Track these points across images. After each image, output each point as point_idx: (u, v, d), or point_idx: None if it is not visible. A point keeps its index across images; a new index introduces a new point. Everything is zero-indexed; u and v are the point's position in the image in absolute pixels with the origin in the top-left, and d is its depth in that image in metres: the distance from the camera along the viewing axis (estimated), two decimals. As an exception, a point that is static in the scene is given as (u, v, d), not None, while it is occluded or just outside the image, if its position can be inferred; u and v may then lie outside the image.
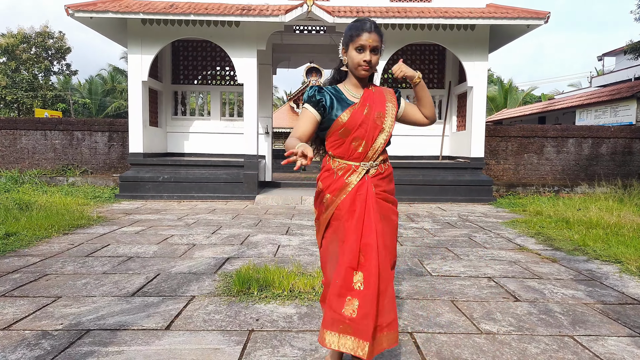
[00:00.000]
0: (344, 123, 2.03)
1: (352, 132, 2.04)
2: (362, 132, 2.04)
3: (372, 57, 2.02)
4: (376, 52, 2.03)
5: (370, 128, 2.05)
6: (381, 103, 2.10)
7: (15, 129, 11.40)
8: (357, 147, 2.05)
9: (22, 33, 28.35)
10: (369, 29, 2.00)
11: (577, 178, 11.36)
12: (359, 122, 2.03)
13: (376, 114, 2.06)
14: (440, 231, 6.13)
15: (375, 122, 2.05)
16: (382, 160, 2.13)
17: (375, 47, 2.01)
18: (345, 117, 2.03)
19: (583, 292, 3.52)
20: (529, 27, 9.26)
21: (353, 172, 2.06)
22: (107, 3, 9.18)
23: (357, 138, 2.04)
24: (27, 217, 5.96)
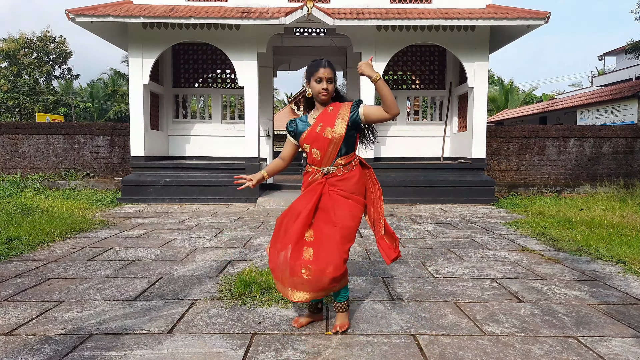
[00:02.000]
0: (303, 139, 2.69)
1: (311, 145, 2.67)
2: (317, 145, 2.65)
3: (329, 85, 2.63)
4: (331, 82, 2.64)
5: (322, 141, 2.63)
6: (331, 120, 2.64)
7: (17, 134, 11.43)
8: (316, 156, 2.67)
9: (23, 38, 28.46)
10: (324, 65, 2.62)
11: (579, 178, 11.34)
12: (313, 137, 2.65)
13: (327, 129, 2.62)
14: (443, 232, 6.12)
15: (324, 136, 2.62)
16: (341, 164, 2.68)
17: (330, 78, 2.63)
18: (304, 135, 2.69)
19: (586, 293, 3.51)
20: (529, 28, 9.25)
21: (315, 174, 2.70)
22: (107, 7, 9.21)
23: (315, 149, 2.66)
24: (29, 222, 5.96)
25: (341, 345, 2.54)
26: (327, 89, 2.62)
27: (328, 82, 2.63)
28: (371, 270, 4.17)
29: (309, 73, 2.67)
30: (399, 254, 2.78)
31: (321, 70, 2.61)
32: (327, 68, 2.62)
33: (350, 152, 2.71)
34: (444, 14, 9.13)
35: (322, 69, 2.61)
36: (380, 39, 9.61)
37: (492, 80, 33.35)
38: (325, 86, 2.61)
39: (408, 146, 11.31)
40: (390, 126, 11.50)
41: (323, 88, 2.61)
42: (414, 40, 9.75)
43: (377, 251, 4.95)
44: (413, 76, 11.76)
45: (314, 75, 2.63)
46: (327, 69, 2.62)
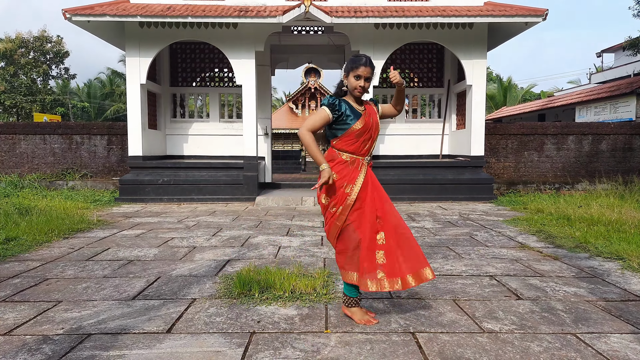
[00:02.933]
0: (359, 129, 2.75)
1: (364, 134, 2.78)
2: (369, 135, 2.81)
3: (366, 84, 2.75)
4: (369, 80, 2.76)
5: (374, 132, 2.84)
6: (375, 114, 2.89)
7: (15, 134, 11.40)
8: (364, 145, 2.80)
9: (20, 37, 28.36)
10: (365, 64, 2.72)
11: (578, 175, 11.35)
12: (368, 127, 2.78)
13: (376, 122, 2.85)
14: (442, 230, 6.12)
15: (376, 128, 2.84)
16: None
17: (368, 78, 2.75)
18: (360, 124, 2.75)
19: (585, 290, 3.51)
20: (527, 25, 9.25)
21: (362, 165, 2.81)
22: (104, 6, 9.18)
23: (366, 139, 2.80)
24: (27, 222, 5.95)
25: (340, 344, 2.54)
26: (364, 87, 2.74)
27: (366, 80, 2.74)
28: (370, 268, 4.16)
29: (349, 67, 2.76)
30: None
31: (362, 68, 2.70)
32: (368, 67, 2.72)
33: None
34: (441, 12, 9.11)
35: (363, 67, 2.70)
36: (378, 37, 9.60)
37: (491, 78, 33.36)
38: (362, 84, 2.73)
39: (407, 144, 11.30)
40: (388, 124, 11.49)
41: (360, 85, 2.72)
42: (412, 38, 9.74)
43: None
44: (411, 74, 11.75)
45: (353, 71, 2.73)
46: (367, 67, 2.72)
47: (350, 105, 2.78)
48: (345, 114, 2.74)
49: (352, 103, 2.80)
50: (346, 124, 2.74)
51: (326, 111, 2.74)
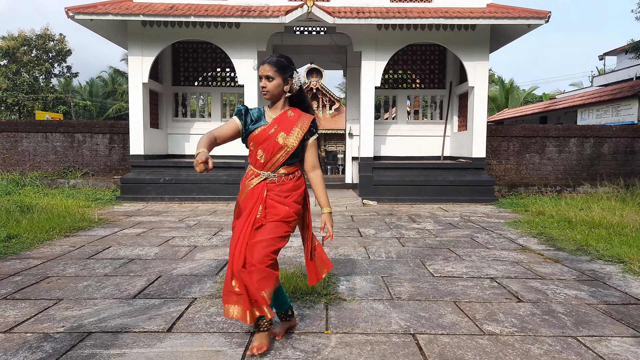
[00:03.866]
0: (254, 137, 2.48)
1: (259, 146, 2.47)
2: (265, 147, 2.46)
3: (267, 83, 2.44)
4: (271, 79, 2.43)
5: (272, 145, 2.45)
6: (289, 126, 2.49)
7: (17, 132, 11.41)
8: (260, 158, 2.48)
9: (22, 35, 28.39)
10: (264, 62, 2.45)
11: (579, 178, 11.33)
12: (264, 138, 2.46)
13: (280, 134, 2.46)
14: (442, 232, 6.12)
15: (276, 141, 2.45)
16: (282, 173, 2.50)
17: (269, 76, 2.42)
18: (256, 132, 2.48)
19: (586, 293, 3.50)
20: (529, 27, 9.24)
21: (254, 178, 2.50)
22: (107, 5, 9.19)
23: (260, 151, 2.48)
24: (28, 220, 5.95)
25: (340, 344, 2.54)
26: (264, 87, 2.44)
27: (266, 79, 2.43)
28: (370, 269, 4.16)
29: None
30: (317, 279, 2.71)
31: (261, 67, 2.44)
32: (267, 64, 2.43)
33: (296, 162, 2.56)
34: (444, 13, 9.11)
35: (261, 66, 2.45)
36: (381, 38, 9.60)
37: (493, 80, 33.33)
38: (262, 84, 2.44)
39: (408, 145, 11.30)
40: (390, 125, 11.49)
41: (261, 86, 2.46)
42: (414, 39, 9.74)
43: (377, 250, 4.95)
44: (413, 75, 11.75)
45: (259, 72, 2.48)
46: (266, 65, 2.43)
47: (261, 113, 2.55)
48: (251, 118, 2.52)
49: (267, 110, 2.57)
50: (249, 130, 2.50)
51: (234, 119, 2.50)
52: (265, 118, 2.53)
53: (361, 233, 5.97)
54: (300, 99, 2.61)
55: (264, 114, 2.54)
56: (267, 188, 2.47)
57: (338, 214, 7.79)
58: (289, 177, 2.52)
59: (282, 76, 2.44)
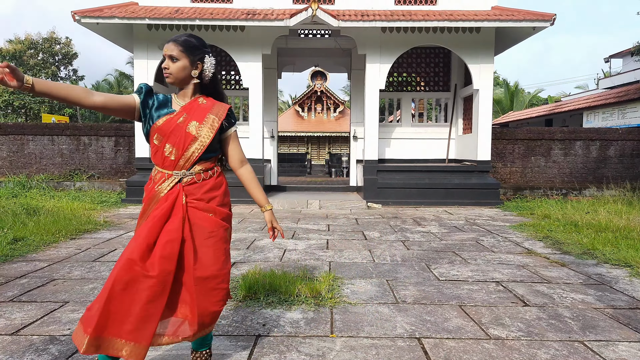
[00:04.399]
0: (158, 128, 2.05)
1: (165, 139, 2.04)
2: (174, 140, 2.04)
3: (171, 64, 2.05)
4: (175, 60, 2.05)
5: (183, 136, 2.04)
6: (202, 113, 2.10)
7: (23, 135, 11.49)
8: (169, 155, 2.05)
9: (29, 39, 28.63)
10: (168, 41, 2.07)
11: (585, 181, 11.27)
12: (171, 129, 2.04)
13: (192, 123, 2.06)
14: (447, 235, 6.10)
15: (188, 131, 2.04)
16: (200, 170, 2.10)
17: (172, 56, 2.04)
18: (160, 122, 2.05)
19: (593, 297, 3.48)
20: (534, 30, 9.22)
21: (165, 181, 2.06)
22: (113, 9, 9.25)
23: (169, 145, 2.04)
24: (34, 222, 5.99)
25: (345, 348, 2.53)
26: (167, 68, 2.06)
27: (170, 59, 2.05)
28: (375, 272, 4.16)
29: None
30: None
31: (165, 45, 2.08)
32: (171, 43, 2.06)
33: (212, 157, 2.18)
34: (449, 16, 9.11)
35: (166, 44, 2.07)
36: (385, 41, 9.60)
37: (497, 82, 33.26)
38: (165, 64, 2.07)
39: (412, 148, 11.28)
40: (394, 128, 11.48)
41: (164, 67, 2.08)
42: (419, 41, 9.74)
43: (381, 253, 4.94)
44: (418, 78, 11.75)
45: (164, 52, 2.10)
46: (170, 43, 2.06)
47: (168, 98, 2.15)
48: (153, 105, 2.10)
49: (175, 97, 2.17)
50: (152, 117, 2.09)
51: (133, 95, 2.09)
52: (171, 105, 2.13)
53: (366, 236, 5.96)
54: (216, 90, 2.23)
55: (170, 100, 2.14)
56: (186, 192, 2.04)
57: (343, 216, 7.78)
58: (208, 174, 2.12)
59: (189, 58, 2.07)
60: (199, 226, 2.04)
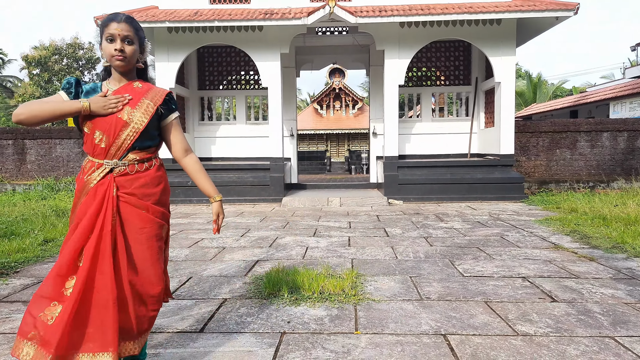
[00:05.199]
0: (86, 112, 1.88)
1: (95, 126, 1.90)
2: (105, 127, 1.90)
3: (126, 47, 1.92)
4: (130, 42, 1.93)
5: (114, 122, 1.90)
6: (136, 98, 1.97)
7: (51, 139, 11.82)
8: (99, 142, 1.91)
9: (53, 45, 29.37)
10: (119, 20, 1.92)
11: (613, 173, 10.97)
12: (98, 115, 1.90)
13: (125, 109, 1.93)
14: (471, 230, 6.02)
15: (119, 117, 1.91)
16: (135, 159, 1.97)
17: (127, 37, 1.92)
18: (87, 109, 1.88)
19: (623, 292, 3.39)
20: (557, 19, 9.01)
21: (94, 171, 1.93)
22: (134, 13, 9.41)
23: (99, 132, 1.90)
24: (63, 224, 6.16)
25: (370, 345, 2.53)
26: (123, 50, 1.91)
27: (125, 42, 1.92)
28: (399, 269, 4.14)
29: (100, 29, 1.96)
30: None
31: (114, 25, 1.90)
32: (123, 23, 1.91)
33: (152, 146, 2.06)
34: (468, 9, 8.97)
35: (116, 24, 1.90)
36: (404, 36, 9.52)
37: (520, 74, 32.62)
38: (119, 46, 1.91)
39: (434, 143, 11.17)
40: (415, 123, 11.39)
41: (116, 49, 1.90)
42: (438, 35, 9.63)
43: (404, 250, 4.92)
44: (438, 72, 11.61)
45: (104, 33, 1.92)
46: (122, 23, 1.91)
47: (97, 86, 2.01)
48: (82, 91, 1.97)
49: (109, 83, 2.02)
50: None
51: (60, 94, 1.94)
52: (100, 90, 1.99)
53: (388, 233, 5.93)
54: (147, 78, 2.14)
55: (100, 87, 2.00)
56: (117, 184, 1.92)
57: (364, 213, 7.77)
58: (144, 166, 2.00)
59: (139, 41, 1.98)
60: (130, 222, 1.93)
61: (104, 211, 1.87)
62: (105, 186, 1.90)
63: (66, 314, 1.74)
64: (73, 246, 1.83)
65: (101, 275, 1.82)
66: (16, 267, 4.27)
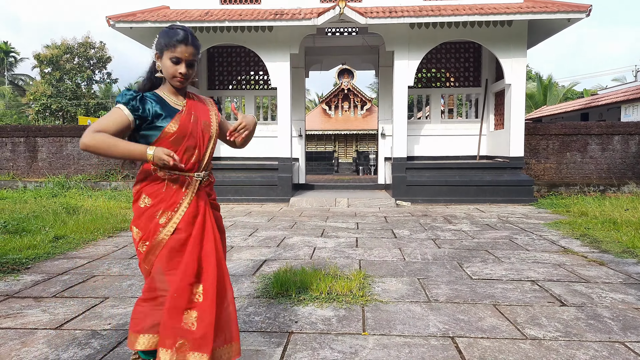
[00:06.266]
0: (175, 132, 1.91)
1: (184, 140, 1.94)
2: (194, 141, 1.96)
3: (189, 70, 1.92)
4: (193, 65, 1.94)
5: (200, 137, 1.98)
6: (205, 111, 2.06)
7: (61, 137, 11.94)
8: (190, 157, 1.96)
9: (65, 44, 29.68)
10: (187, 43, 1.88)
11: (624, 177, 10.86)
12: (187, 131, 1.94)
13: (203, 122, 2.01)
14: (480, 233, 6.00)
15: (204, 131, 2.00)
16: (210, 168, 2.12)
17: (193, 61, 1.92)
18: (174, 126, 1.92)
19: (634, 297, 3.36)
20: (569, 21, 8.94)
21: (189, 184, 1.97)
22: (145, 13, 9.49)
23: (189, 147, 1.96)
24: (74, 221, 6.22)
25: (378, 346, 2.53)
26: (186, 75, 1.92)
27: (189, 66, 1.92)
28: (406, 271, 4.13)
29: (162, 44, 1.91)
30: None
31: (181, 48, 1.87)
32: (191, 47, 1.89)
33: None
34: (479, 10, 8.93)
35: (184, 47, 1.87)
36: (414, 37, 9.50)
37: (530, 76, 32.38)
38: (184, 71, 1.90)
39: (442, 145, 11.13)
40: (423, 125, 11.35)
41: (181, 73, 1.90)
42: (448, 37, 9.59)
43: (412, 252, 4.90)
44: (447, 73, 11.56)
45: (169, 50, 1.88)
46: (189, 47, 1.89)
47: (162, 99, 1.96)
48: (153, 112, 1.91)
49: (167, 95, 1.98)
50: (156, 127, 1.91)
51: (123, 111, 1.87)
52: (170, 105, 1.96)
53: (395, 234, 5.92)
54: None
55: (164, 100, 1.97)
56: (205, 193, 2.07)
57: (371, 214, 7.76)
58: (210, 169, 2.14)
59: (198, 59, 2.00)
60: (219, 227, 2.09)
61: (209, 221, 1.99)
62: (202, 200, 2.00)
63: (205, 317, 1.85)
64: (191, 257, 1.91)
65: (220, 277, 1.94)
66: (27, 264, 4.33)
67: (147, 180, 1.97)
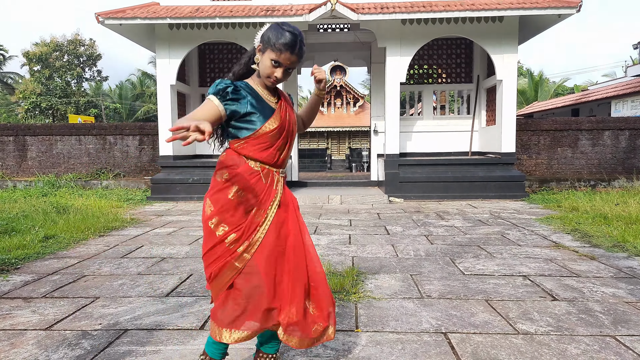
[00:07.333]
0: (274, 129, 1.91)
1: (280, 138, 1.94)
2: (285, 140, 1.97)
3: (284, 75, 1.90)
4: (288, 73, 1.91)
5: (292, 133, 2.01)
6: (291, 108, 2.06)
7: (51, 135, 11.81)
8: (279, 153, 1.96)
9: (54, 41, 29.36)
10: (293, 52, 1.85)
11: (615, 172, 10.96)
12: (284, 128, 1.95)
13: (292, 120, 2.02)
14: (472, 229, 6.02)
15: (293, 129, 2.01)
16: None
17: (289, 69, 1.89)
18: (274, 123, 1.91)
19: (624, 291, 3.39)
20: (560, 17, 8.98)
21: (278, 180, 1.98)
22: (135, 9, 9.40)
23: (283, 145, 1.97)
24: (64, 220, 6.16)
25: (371, 343, 2.53)
26: (279, 79, 1.90)
27: (285, 72, 1.89)
28: (399, 267, 4.14)
29: (269, 42, 1.86)
30: None
31: (287, 55, 1.84)
32: (295, 56, 1.86)
33: None
34: (470, 6, 8.95)
35: (289, 55, 1.84)
36: (405, 33, 9.50)
37: (521, 72, 32.55)
38: (280, 75, 1.88)
39: (435, 141, 11.16)
40: (415, 121, 11.37)
41: (276, 76, 1.88)
42: (440, 33, 9.60)
43: (405, 248, 4.91)
44: (439, 70, 11.59)
45: (273, 51, 1.85)
46: (294, 56, 1.85)
47: (257, 93, 1.93)
48: (248, 105, 1.88)
49: (261, 90, 1.96)
50: (251, 122, 1.89)
51: (214, 102, 1.82)
52: (265, 100, 1.95)
53: (388, 231, 5.93)
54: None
55: (258, 94, 1.95)
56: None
57: (364, 211, 7.76)
58: None
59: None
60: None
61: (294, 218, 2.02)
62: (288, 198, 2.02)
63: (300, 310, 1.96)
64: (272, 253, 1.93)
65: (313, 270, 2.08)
66: (17, 264, 4.27)
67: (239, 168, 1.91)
